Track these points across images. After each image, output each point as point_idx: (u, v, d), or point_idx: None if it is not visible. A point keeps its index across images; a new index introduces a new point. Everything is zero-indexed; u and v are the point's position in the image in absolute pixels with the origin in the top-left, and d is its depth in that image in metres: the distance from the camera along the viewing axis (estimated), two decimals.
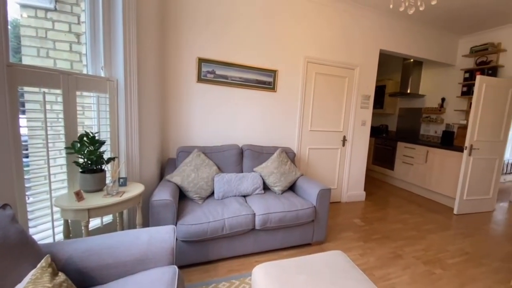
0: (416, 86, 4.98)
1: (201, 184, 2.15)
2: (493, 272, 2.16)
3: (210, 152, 2.44)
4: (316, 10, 3.07)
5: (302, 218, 2.20)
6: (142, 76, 2.03)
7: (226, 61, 2.69)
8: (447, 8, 3.23)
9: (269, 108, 3.01)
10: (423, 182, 4.22)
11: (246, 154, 2.59)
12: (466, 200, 3.53)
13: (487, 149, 3.52)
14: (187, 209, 1.99)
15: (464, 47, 4.18)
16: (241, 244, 2.05)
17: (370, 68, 3.55)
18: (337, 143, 3.53)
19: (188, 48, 2.54)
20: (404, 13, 3.41)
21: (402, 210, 3.50)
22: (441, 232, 2.87)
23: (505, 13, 3.28)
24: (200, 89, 2.65)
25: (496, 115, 3.47)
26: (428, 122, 4.82)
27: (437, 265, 2.20)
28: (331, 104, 3.39)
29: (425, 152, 4.19)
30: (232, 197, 2.23)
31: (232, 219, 1.93)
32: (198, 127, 2.71)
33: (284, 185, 2.49)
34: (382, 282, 1.93)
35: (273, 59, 2.93)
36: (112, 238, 1.29)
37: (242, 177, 2.33)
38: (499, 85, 3.41)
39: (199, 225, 1.83)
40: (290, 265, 1.44)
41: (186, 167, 2.18)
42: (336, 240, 2.51)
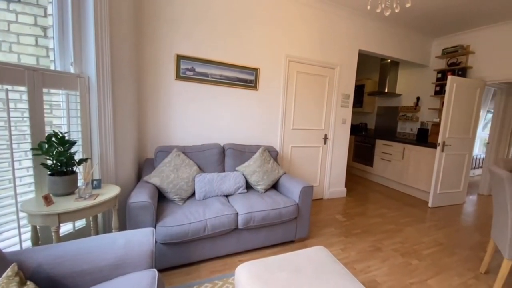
0: (393, 85, 5.23)
1: (181, 184, 2.12)
2: (464, 260, 2.33)
3: (190, 152, 2.41)
4: (297, 9, 3.13)
5: (285, 216, 2.24)
6: (116, 72, 1.96)
7: (206, 58, 2.67)
8: (421, 12, 3.44)
9: (251, 106, 3.03)
10: (400, 177, 4.45)
11: (228, 153, 2.59)
12: (440, 193, 3.76)
13: (458, 145, 3.78)
14: (167, 210, 1.95)
15: (437, 48, 4.46)
16: (224, 244, 2.04)
17: (350, 67, 3.68)
18: (319, 141, 3.62)
19: (165, 44, 2.49)
20: (382, 15, 3.58)
21: (381, 205, 3.67)
22: (417, 224, 3.05)
23: (474, 18, 3.55)
24: (179, 86, 2.61)
25: (465, 114, 3.74)
26: (404, 120, 5.09)
27: (414, 256, 2.33)
28: (313, 102, 3.48)
29: (402, 149, 4.42)
30: (214, 197, 2.22)
31: (214, 219, 1.92)
32: (177, 126, 2.66)
33: (267, 184, 2.52)
34: (362, 275, 2.01)
35: (254, 57, 2.95)
36: (86, 243, 1.25)
37: (224, 176, 2.33)
38: (468, 85, 3.68)
39: (180, 227, 1.81)
40: (273, 262, 1.46)
41: (165, 167, 2.13)
42: (319, 236, 2.58)
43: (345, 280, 1.35)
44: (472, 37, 3.99)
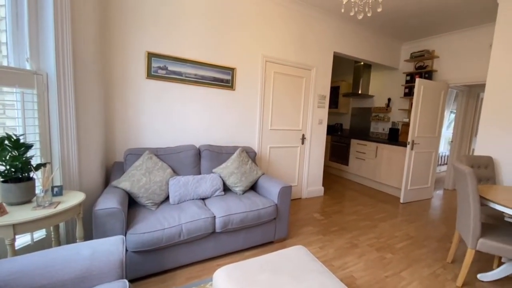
0: (366, 87, 5.50)
1: (154, 188, 2.04)
2: (433, 252, 2.49)
3: (163, 154, 2.33)
4: (273, 10, 3.18)
5: (264, 217, 2.24)
6: (79, 69, 1.84)
7: (179, 56, 2.60)
8: (391, 18, 3.67)
9: (228, 106, 3.00)
10: (374, 175, 4.67)
11: (204, 155, 2.54)
12: (410, 189, 4.01)
13: (426, 143, 4.06)
14: (138, 216, 1.86)
15: (406, 52, 4.77)
16: (201, 248, 1.99)
17: (325, 69, 3.80)
18: (297, 141, 3.69)
19: (135, 40, 2.38)
20: (355, 18, 3.75)
21: (357, 202, 3.82)
22: (390, 220, 3.22)
23: (438, 25, 3.86)
24: (150, 86, 2.51)
25: (431, 114, 4.03)
26: (377, 121, 5.36)
27: (388, 250, 2.45)
28: (290, 103, 3.54)
29: (375, 148, 4.65)
30: (189, 201, 2.16)
31: (190, 224, 1.87)
32: (149, 127, 2.56)
33: (246, 185, 2.50)
34: (341, 271, 2.08)
35: (230, 56, 2.93)
36: (46, 255, 1.15)
37: (200, 179, 2.28)
38: (434, 88, 3.97)
39: (153, 233, 1.73)
40: (252, 264, 1.46)
41: (136, 171, 2.04)
42: (298, 236, 2.62)
43: (324, 278, 1.37)
44: (436, 42, 4.33)
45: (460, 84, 4.10)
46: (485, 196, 2.01)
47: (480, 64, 3.79)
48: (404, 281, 2.02)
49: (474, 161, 2.80)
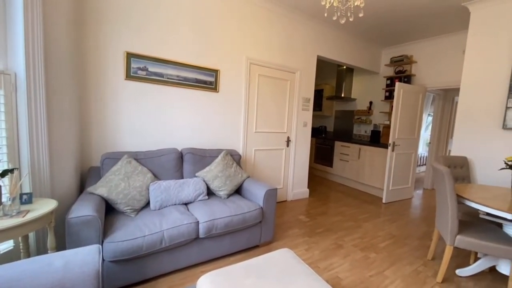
0: (349, 90, 5.65)
1: (134, 194, 1.96)
2: (414, 249, 2.57)
3: (143, 158, 2.25)
4: (258, 13, 3.20)
5: (249, 221, 2.22)
6: (51, 69, 1.75)
7: (160, 57, 2.54)
8: (372, 24, 3.81)
9: (211, 109, 2.97)
10: (357, 176, 4.78)
11: (186, 159, 2.48)
12: (392, 190, 4.14)
13: (406, 145, 4.21)
14: (116, 224, 1.78)
15: (386, 57, 4.97)
16: (184, 255, 1.94)
17: (309, 72, 3.86)
18: (282, 143, 3.71)
19: (113, 40, 2.30)
20: (338, 23, 3.86)
21: (341, 203, 3.88)
22: (373, 220, 3.29)
23: (416, 31, 4.05)
24: (130, 87, 2.43)
25: (410, 117, 4.20)
26: (359, 123, 5.52)
27: (371, 250, 2.50)
28: (275, 106, 3.56)
29: (358, 150, 4.77)
30: (171, 206, 2.09)
31: (172, 230, 1.81)
32: (128, 130, 2.47)
33: (230, 189, 2.47)
34: (326, 273, 2.09)
35: (214, 58, 2.91)
36: (13, 268, 1.07)
37: (182, 183, 2.22)
38: (413, 91, 4.15)
39: (132, 241, 1.66)
40: (237, 270, 1.43)
41: (113, 176, 1.95)
42: (284, 238, 2.61)
43: (310, 280, 1.37)
44: (414, 48, 4.54)
45: (436, 88, 4.32)
46: (461, 195, 2.11)
47: (455, 69, 4.00)
48: (387, 279, 2.06)
49: (451, 161, 2.94)
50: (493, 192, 2.28)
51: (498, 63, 2.84)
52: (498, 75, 2.85)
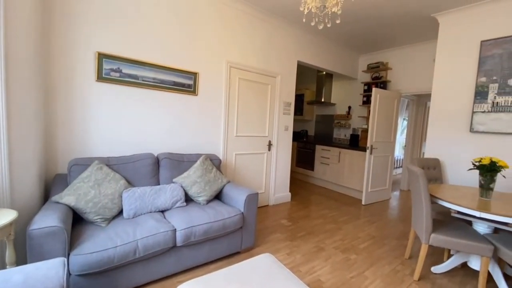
0: (329, 95, 5.79)
1: (105, 202, 1.84)
2: (392, 249, 2.64)
3: (116, 164, 2.14)
4: (238, 17, 3.20)
5: (229, 227, 2.17)
6: (13, 71, 1.62)
7: (135, 59, 2.44)
8: (349, 31, 3.95)
9: (190, 112, 2.90)
10: (337, 179, 4.88)
11: (163, 164, 2.39)
12: (371, 191, 4.25)
13: (383, 148, 4.37)
14: (85, 234, 1.66)
15: (363, 63, 5.16)
16: (160, 265, 1.84)
17: (290, 77, 3.92)
18: (263, 147, 3.70)
19: (82, 39, 2.18)
20: (318, 30, 3.96)
21: (323, 206, 3.93)
22: (354, 221, 3.35)
23: (391, 40, 4.25)
24: (101, 89, 2.31)
25: (387, 121, 4.37)
26: (339, 127, 5.66)
27: (352, 252, 2.53)
28: (256, 109, 3.55)
29: (338, 153, 4.88)
30: (147, 214, 2.00)
31: (147, 239, 1.72)
32: (99, 135, 2.34)
33: (210, 195, 2.41)
34: (308, 276, 2.08)
35: (193, 61, 2.86)
36: None
37: (158, 190, 2.13)
38: (388, 96, 4.32)
39: (102, 252, 1.56)
40: (217, 277, 1.38)
41: (82, 183, 1.83)
42: (265, 243, 2.58)
43: (291, 284, 1.35)
44: (390, 55, 4.76)
45: (410, 93, 4.54)
46: (435, 195, 2.20)
47: (426, 76, 4.23)
48: (367, 280, 2.08)
49: (425, 163, 3.08)
50: (463, 191, 2.41)
51: (465, 70, 3.04)
52: (465, 82, 3.04)
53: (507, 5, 2.72)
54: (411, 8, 3.12)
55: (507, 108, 2.72)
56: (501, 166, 2.07)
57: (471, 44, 2.99)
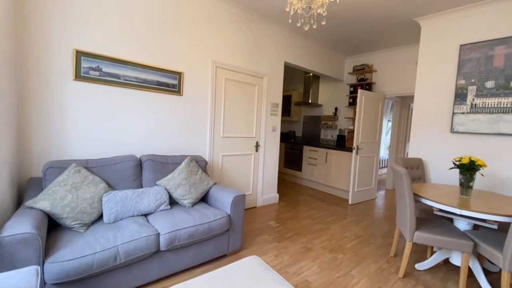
0: (316, 96, 5.86)
1: (83, 207, 1.76)
2: (378, 248, 2.68)
3: (96, 167, 2.05)
4: (225, 17, 3.17)
5: (216, 230, 2.13)
6: None
7: (117, 57, 2.37)
8: (335, 34, 4.03)
9: (174, 113, 2.84)
10: (325, 179, 4.93)
11: (146, 166, 2.33)
12: (357, 191, 4.33)
13: (368, 148, 4.46)
14: (61, 241, 1.58)
15: (349, 66, 5.26)
16: (143, 271, 1.78)
17: (277, 78, 3.93)
18: (251, 149, 3.68)
19: (60, 37, 2.09)
20: (305, 31, 3.99)
21: (310, 207, 3.96)
22: (341, 221, 3.39)
23: (375, 42, 4.36)
24: (79, 88, 2.21)
25: (372, 122, 4.46)
26: (326, 128, 5.74)
27: (339, 251, 2.56)
28: (243, 110, 3.53)
29: (325, 154, 4.94)
30: (129, 218, 1.93)
31: (128, 245, 1.66)
32: (77, 136, 2.24)
33: (195, 197, 2.36)
34: (295, 277, 2.07)
35: (177, 60, 2.80)
36: None
37: (141, 193, 2.07)
38: (373, 98, 4.42)
39: (80, 259, 1.49)
40: (202, 282, 1.35)
41: (58, 187, 1.74)
42: (253, 246, 2.56)
43: (278, 286, 1.33)
44: (375, 58, 4.88)
45: (394, 95, 4.66)
46: (418, 193, 2.26)
47: (410, 78, 4.37)
48: (354, 279, 2.11)
49: (408, 163, 3.16)
50: (445, 189, 2.49)
51: (446, 73, 3.16)
52: (445, 84, 3.16)
53: (483, 11, 2.85)
54: (394, 12, 3.21)
55: (484, 109, 2.84)
56: (480, 165, 2.16)
57: (451, 47, 3.11)
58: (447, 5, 2.97)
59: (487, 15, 2.84)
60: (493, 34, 2.80)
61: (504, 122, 2.71)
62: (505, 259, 1.73)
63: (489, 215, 1.84)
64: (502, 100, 2.72)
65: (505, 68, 2.71)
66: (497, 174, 2.77)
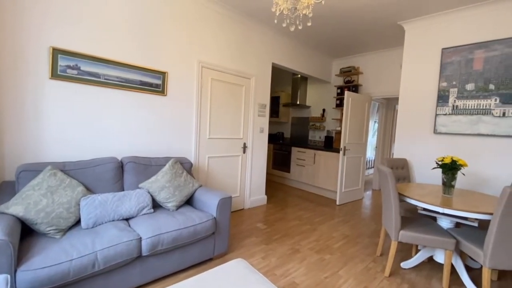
0: (304, 98, 5.91)
1: (59, 211, 1.69)
2: (365, 247, 2.72)
3: (73, 169, 1.97)
4: (211, 16, 3.15)
5: (201, 233, 2.09)
6: None
7: (97, 55, 2.29)
8: (322, 36, 4.09)
9: (158, 114, 2.78)
10: (313, 180, 4.97)
11: (128, 168, 2.26)
12: (344, 192, 4.38)
13: (355, 149, 4.53)
14: (35, 248, 1.50)
15: (336, 68, 5.35)
16: (123, 278, 1.72)
17: (265, 79, 3.93)
18: (238, 150, 3.66)
19: (35, 34, 1.99)
20: (292, 32, 4.02)
21: (298, 208, 3.97)
22: (328, 222, 3.42)
23: (361, 45, 4.46)
24: (56, 88, 2.12)
25: (359, 123, 4.54)
26: (314, 129, 5.79)
27: (326, 252, 2.57)
28: (230, 111, 3.51)
29: (313, 155, 4.98)
30: (109, 223, 1.86)
31: (107, 250, 1.60)
32: (54, 138, 2.14)
33: (180, 200, 2.32)
34: (283, 279, 2.06)
35: (161, 60, 2.75)
36: None
37: (122, 196, 2.00)
38: (360, 99, 4.51)
39: (56, 267, 1.42)
40: (185, 287, 1.31)
41: (33, 191, 1.66)
42: (239, 249, 2.53)
43: None
44: (361, 60, 4.98)
45: (380, 97, 4.77)
46: (402, 193, 2.31)
47: (395, 81, 4.48)
48: (341, 279, 2.12)
49: (393, 163, 3.23)
50: (428, 189, 2.56)
51: (428, 76, 3.26)
52: (428, 86, 3.26)
53: (464, 16, 2.96)
54: (379, 15, 3.28)
55: (465, 111, 2.94)
56: (461, 165, 2.23)
57: (433, 51, 3.21)
58: (429, 10, 3.07)
59: (467, 20, 2.95)
60: (473, 38, 2.91)
61: (483, 123, 2.82)
62: (486, 256, 1.79)
63: (469, 213, 1.90)
64: (481, 102, 2.83)
65: (484, 71, 2.82)
66: (477, 173, 2.88)
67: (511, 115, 2.65)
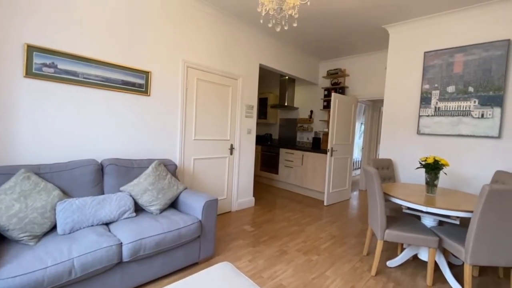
0: (292, 99, 5.96)
1: (33, 217, 1.60)
2: (352, 247, 2.75)
3: (49, 172, 1.89)
4: (197, 16, 3.11)
5: (186, 237, 2.05)
6: None
7: (75, 53, 2.20)
8: (310, 38, 4.14)
9: (141, 114, 2.71)
10: (301, 181, 5.01)
11: (108, 171, 2.18)
12: (332, 192, 4.44)
13: (342, 150, 4.60)
14: (7, 255, 1.42)
15: (323, 70, 5.43)
16: (102, 285, 1.65)
17: (252, 79, 3.93)
18: (225, 151, 3.63)
19: (8, 30, 1.90)
20: (280, 34, 4.04)
21: (287, 209, 3.98)
22: (316, 222, 3.44)
23: (347, 48, 4.55)
24: (31, 86, 2.03)
25: (345, 124, 4.62)
26: (302, 130, 5.84)
27: (314, 252, 2.58)
28: (217, 112, 3.48)
29: (301, 156, 5.02)
30: (87, 228, 1.78)
31: (85, 257, 1.53)
32: (28, 139, 2.04)
33: (164, 203, 2.26)
34: (270, 282, 2.05)
35: (145, 58, 2.69)
36: None
37: (102, 200, 1.93)
38: (346, 101, 4.59)
39: (29, 275, 1.34)
40: None
41: (4, 195, 1.57)
42: (226, 252, 2.50)
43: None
44: (347, 62, 5.08)
45: (366, 99, 4.88)
46: (388, 193, 2.35)
47: (380, 83, 4.59)
48: (328, 279, 2.13)
49: (379, 163, 3.30)
50: (412, 188, 2.62)
51: (412, 78, 3.36)
52: (412, 88, 3.36)
53: (445, 20, 3.08)
54: (363, 19, 3.36)
55: (446, 112, 3.05)
56: (443, 164, 2.30)
57: (416, 54, 3.31)
58: (412, 14, 3.17)
59: (448, 25, 3.07)
60: (453, 42, 3.03)
61: (464, 124, 2.93)
62: (467, 253, 1.85)
63: (451, 211, 1.96)
64: (462, 104, 2.95)
65: (463, 74, 2.94)
66: (459, 172, 2.98)
67: (489, 116, 2.76)
